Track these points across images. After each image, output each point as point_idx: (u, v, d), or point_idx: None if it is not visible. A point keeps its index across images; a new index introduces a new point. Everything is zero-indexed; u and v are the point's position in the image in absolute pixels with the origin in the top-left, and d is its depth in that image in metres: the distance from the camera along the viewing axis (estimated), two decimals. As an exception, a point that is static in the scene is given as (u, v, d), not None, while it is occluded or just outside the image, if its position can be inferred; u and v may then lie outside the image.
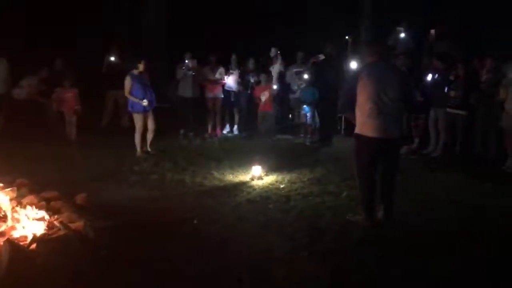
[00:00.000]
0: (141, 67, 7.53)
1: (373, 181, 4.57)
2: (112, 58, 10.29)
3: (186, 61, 9.51)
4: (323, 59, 8.72)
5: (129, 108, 7.66)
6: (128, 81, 7.47)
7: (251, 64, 10.10)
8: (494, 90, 7.25)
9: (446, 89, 7.75)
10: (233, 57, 9.89)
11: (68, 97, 8.97)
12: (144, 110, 7.51)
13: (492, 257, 3.87)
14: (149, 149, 7.66)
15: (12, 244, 3.24)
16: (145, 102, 7.41)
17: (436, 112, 7.92)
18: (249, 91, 9.90)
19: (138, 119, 7.51)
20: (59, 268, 3.30)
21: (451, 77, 7.76)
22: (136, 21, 13.01)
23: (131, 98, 7.49)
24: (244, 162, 7.02)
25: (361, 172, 4.60)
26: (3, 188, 4.46)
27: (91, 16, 11.99)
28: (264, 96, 9.34)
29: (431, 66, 8.25)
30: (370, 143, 4.44)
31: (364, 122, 4.45)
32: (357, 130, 4.57)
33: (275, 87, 9.59)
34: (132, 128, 7.76)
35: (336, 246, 4.08)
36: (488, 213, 4.99)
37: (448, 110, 7.72)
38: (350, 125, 5.03)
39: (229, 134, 9.96)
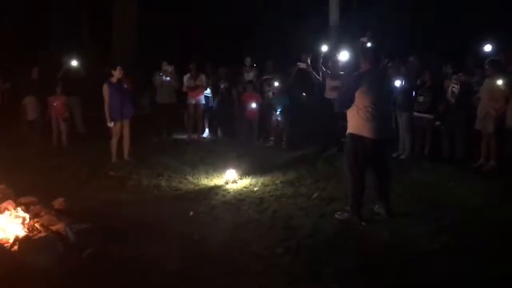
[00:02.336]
0: (116, 73, 7.47)
1: (364, 180, 4.85)
2: (74, 63, 10.31)
3: (163, 68, 9.74)
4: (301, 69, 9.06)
5: (107, 115, 7.58)
6: (105, 90, 7.42)
7: (222, 71, 10.37)
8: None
9: (414, 93, 8.18)
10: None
11: (57, 104, 9.09)
12: (121, 118, 7.52)
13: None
14: (127, 157, 7.70)
15: (-3, 244, 3.34)
16: (111, 124, 7.44)
17: (401, 116, 8.31)
18: (219, 97, 10.18)
19: (114, 127, 7.52)
20: (42, 268, 3.40)
21: (418, 82, 8.19)
22: (108, 28, 13.17)
23: (106, 110, 7.43)
24: (219, 166, 7.22)
25: (356, 171, 4.82)
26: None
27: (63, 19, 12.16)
28: (254, 104, 9.53)
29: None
30: (366, 144, 4.74)
31: (363, 125, 4.73)
32: (353, 131, 4.82)
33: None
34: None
35: (309, 242, 4.31)
36: (451, 206, 5.33)
37: (416, 114, 8.13)
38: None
39: (208, 138, 10.24)
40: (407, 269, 3.73)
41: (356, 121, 4.79)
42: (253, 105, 9.53)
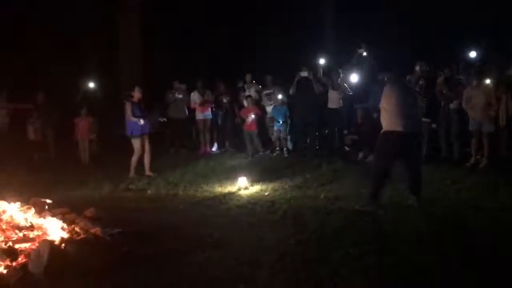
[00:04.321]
0: (136, 94, 8.11)
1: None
2: (91, 85, 10.98)
3: (175, 86, 10.58)
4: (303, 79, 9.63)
5: (128, 133, 8.16)
6: (128, 106, 8.01)
7: (222, 87, 11.00)
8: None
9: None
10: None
11: (82, 125, 9.88)
12: (142, 133, 8.07)
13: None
14: (149, 173, 8.21)
15: (50, 244, 3.85)
16: (141, 121, 8.00)
17: None
18: (223, 111, 10.78)
19: (136, 143, 8.08)
20: (86, 262, 3.91)
21: (417, 88, 8.75)
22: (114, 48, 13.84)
23: (132, 120, 8.00)
24: (230, 175, 7.75)
25: (384, 162, 5.60)
26: (22, 206, 5.06)
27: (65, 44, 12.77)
28: (250, 117, 10.05)
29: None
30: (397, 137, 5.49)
31: (395, 121, 5.49)
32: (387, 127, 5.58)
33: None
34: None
35: (318, 235, 4.79)
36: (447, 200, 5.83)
37: None
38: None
39: (217, 151, 10.84)
40: (407, 254, 4.20)
41: (389, 118, 5.55)
42: (251, 118, 10.03)
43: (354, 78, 9.47)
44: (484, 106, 7.88)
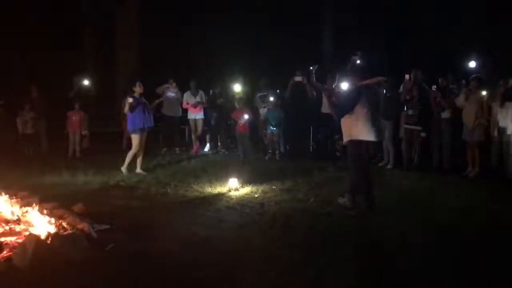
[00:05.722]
0: (138, 89, 8.07)
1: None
2: (86, 82, 10.98)
3: (168, 86, 10.53)
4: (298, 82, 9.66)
5: (129, 128, 8.14)
6: (129, 103, 7.94)
7: (218, 88, 11.05)
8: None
9: (405, 107, 8.83)
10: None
11: (75, 119, 9.95)
12: (143, 127, 8.04)
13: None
14: (140, 171, 8.18)
15: (35, 238, 3.84)
16: (130, 100, 7.93)
17: (385, 127, 8.90)
18: (216, 112, 10.80)
19: (136, 139, 8.05)
20: (71, 257, 3.90)
21: (407, 97, 8.79)
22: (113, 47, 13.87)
23: (129, 121, 7.99)
24: (221, 176, 7.74)
25: (359, 167, 5.87)
26: (10, 199, 5.04)
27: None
28: (242, 120, 10.01)
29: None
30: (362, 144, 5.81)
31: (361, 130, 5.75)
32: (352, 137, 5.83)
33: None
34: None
35: (306, 238, 4.82)
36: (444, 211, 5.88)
37: (406, 126, 8.74)
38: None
39: (209, 151, 10.83)
40: (393, 258, 4.24)
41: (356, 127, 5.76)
42: (242, 120, 10.02)
43: (344, 85, 9.48)
44: (475, 114, 7.96)
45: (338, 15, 15.37)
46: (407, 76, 9.09)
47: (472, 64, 9.79)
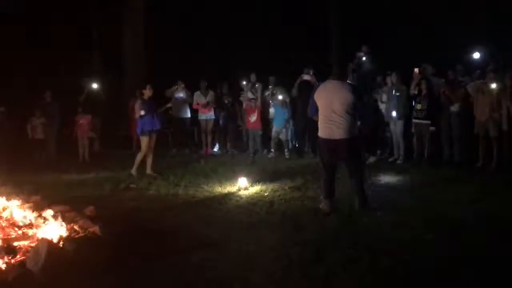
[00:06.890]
0: (147, 92, 8.12)
1: (331, 174, 5.70)
2: (95, 86, 11.06)
3: (176, 87, 10.62)
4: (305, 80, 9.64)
5: (138, 131, 8.20)
6: (139, 106, 8.04)
7: (225, 87, 11.01)
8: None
9: (413, 102, 8.76)
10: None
11: (83, 123, 10.05)
12: (152, 130, 8.09)
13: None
14: (150, 172, 8.22)
15: (48, 242, 3.87)
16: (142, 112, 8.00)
17: (395, 123, 8.85)
18: (224, 112, 10.80)
19: (144, 142, 8.10)
20: (84, 262, 3.93)
21: (415, 92, 8.74)
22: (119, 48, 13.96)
23: (141, 113, 8.01)
24: (230, 176, 7.76)
25: (322, 166, 5.70)
26: (23, 203, 5.10)
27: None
28: (254, 117, 10.05)
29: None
30: (324, 143, 5.57)
31: (320, 127, 5.60)
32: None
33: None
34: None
35: (316, 236, 4.80)
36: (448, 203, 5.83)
37: (415, 121, 8.68)
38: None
39: (218, 151, 10.88)
40: (405, 256, 4.20)
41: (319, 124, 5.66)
42: (253, 118, 10.04)
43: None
44: (489, 108, 7.88)
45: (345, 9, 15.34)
46: (416, 70, 9.02)
47: (476, 55, 9.67)
